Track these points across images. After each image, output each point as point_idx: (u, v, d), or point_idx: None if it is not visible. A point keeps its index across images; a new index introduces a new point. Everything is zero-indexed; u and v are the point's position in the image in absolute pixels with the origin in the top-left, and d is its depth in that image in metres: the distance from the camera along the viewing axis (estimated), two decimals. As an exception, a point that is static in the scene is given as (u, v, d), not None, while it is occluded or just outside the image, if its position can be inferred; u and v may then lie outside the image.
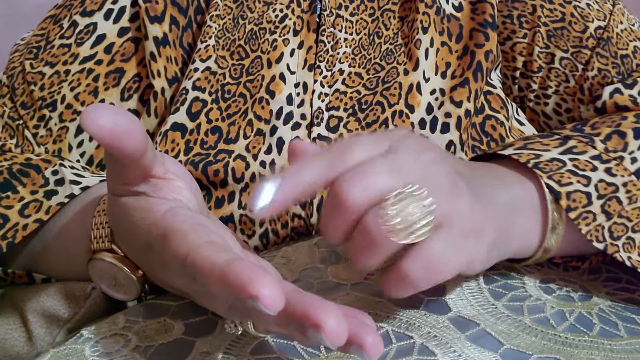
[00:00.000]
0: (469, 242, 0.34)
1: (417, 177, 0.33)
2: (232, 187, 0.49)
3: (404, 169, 0.33)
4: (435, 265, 0.33)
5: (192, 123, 0.51)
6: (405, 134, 0.36)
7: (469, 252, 0.35)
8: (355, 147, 0.34)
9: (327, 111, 0.52)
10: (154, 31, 0.53)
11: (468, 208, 0.34)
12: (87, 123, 0.29)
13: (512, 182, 0.41)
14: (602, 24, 0.54)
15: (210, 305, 0.35)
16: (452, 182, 0.34)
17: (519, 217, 0.39)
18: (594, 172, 0.41)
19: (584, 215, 0.40)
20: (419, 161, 0.34)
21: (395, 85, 0.52)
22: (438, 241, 0.33)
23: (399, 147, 0.34)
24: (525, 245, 0.41)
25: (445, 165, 0.35)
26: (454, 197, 0.34)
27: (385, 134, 0.36)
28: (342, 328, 0.26)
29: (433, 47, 0.53)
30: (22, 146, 0.54)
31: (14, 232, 0.45)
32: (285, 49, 0.53)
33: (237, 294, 0.26)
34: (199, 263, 0.28)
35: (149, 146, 0.33)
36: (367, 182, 0.32)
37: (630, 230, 0.40)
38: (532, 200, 0.40)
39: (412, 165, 0.33)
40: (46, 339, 0.43)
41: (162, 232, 0.32)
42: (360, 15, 0.55)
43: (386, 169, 0.32)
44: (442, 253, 0.33)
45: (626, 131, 0.44)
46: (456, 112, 0.50)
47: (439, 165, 0.34)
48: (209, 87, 0.52)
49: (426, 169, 0.33)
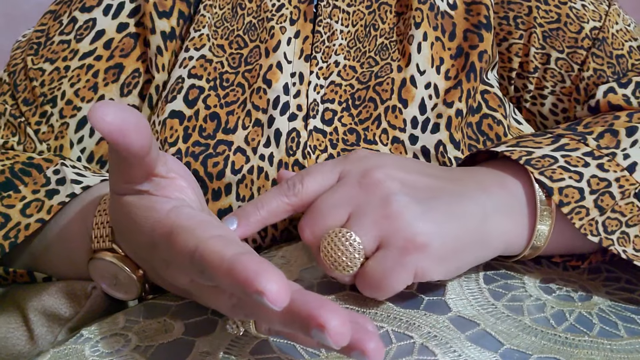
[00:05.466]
0: (411, 257, 0.37)
1: (354, 207, 0.38)
2: (229, 179, 0.50)
3: (345, 201, 0.38)
4: (374, 283, 0.37)
5: (190, 110, 0.51)
6: (359, 157, 0.41)
7: (411, 265, 0.37)
8: (308, 181, 0.40)
9: (322, 103, 0.52)
10: (162, 26, 0.53)
11: (408, 228, 0.37)
12: (95, 120, 0.29)
13: (490, 185, 0.41)
14: (597, 24, 0.54)
15: (213, 304, 0.34)
16: (392, 202, 0.38)
17: (497, 220, 0.40)
18: (586, 168, 0.42)
19: (577, 210, 0.40)
20: (361, 188, 0.39)
21: (387, 81, 0.52)
22: (373, 263, 0.37)
23: (346, 177, 0.40)
24: (511, 244, 0.41)
25: (393, 183, 0.39)
26: (390, 219, 0.37)
27: (339, 161, 0.41)
28: (346, 329, 0.26)
29: (427, 40, 0.52)
30: (24, 144, 0.54)
31: (16, 231, 0.45)
32: (282, 36, 0.53)
33: (243, 288, 0.26)
34: (207, 256, 0.28)
35: (153, 144, 0.33)
36: (315, 224, 0.38)
37: (624, 225, 0.41)
38: (515, 199, 0.41)
39: (353, 195, 0.38)
40: (47, 338, 0.43)
41: (168, 229, 0.32)
42: (357, 7, 0.55)
43: (329, 206, 0.39)
44: (377, 272, 0.37)
45: (619, 129, 0.45)
46: (447, 112, 0.50)
47: (380, 187, 0.38)
48: (206, 75, 0.52)
49: (366, 195, 0.38)
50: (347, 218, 0.38)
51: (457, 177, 0.42)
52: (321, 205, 0.39)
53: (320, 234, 0.38)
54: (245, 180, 0.49)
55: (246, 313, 0.32)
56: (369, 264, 0.37)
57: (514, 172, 0.42)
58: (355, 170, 0.40)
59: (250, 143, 0.50)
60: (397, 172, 0.39)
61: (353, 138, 0.50)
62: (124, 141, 0.30)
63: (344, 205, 0.38)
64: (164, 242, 0.33)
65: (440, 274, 0.38)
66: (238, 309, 0.32)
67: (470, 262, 0.40)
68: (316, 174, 0.40)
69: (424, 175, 0.40)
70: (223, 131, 0.51)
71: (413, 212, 0.37)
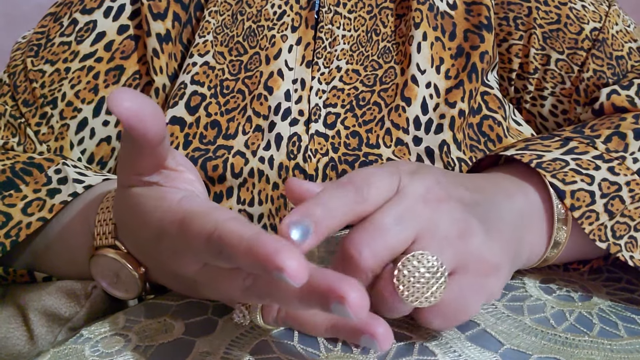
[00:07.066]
0: (489, 280, 0.35)
1: (424, 225, 0.33)
2: (230, 183, 0.50)
3: (412, 218, 0.33)
4: (452, 314, 0.34)
5: (191, 117, 0.51)
6: (412, 169, 0.36)
7: (488, 289, 0.35)
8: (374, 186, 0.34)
9: (325, 108, 0.52)
10: (157, 28, 0.53)
11: (482, 247, 0.34)
12: (114, 104, 0.29)
13: (515, 192, 0.40)
14: (597, 25, 0.54)
15: (224, 289, 0.33)
16: (461, 221, 0.34)
17: (525, 233, 0.39)
18: (597, 171, 0.41)
19: (587, 214, 0.40)
20: (426, 205, 0.34)
21: (392, 87, 0.52)
22: (451, 292, 0.33)
23: (407, 189, 0.34)
24: (533, 253, 0.41)
25: (451, 201, 0.35)
26: (465, 239, 0.34)
27: (395, 172, 0.35)
28: (365, 301, 0.26)
29: (427, 40, 0.52)
30: (24, 144, 0.54)
31: (17, 230, 0.45)
32: (283, 45, 0.53)
33: (264, 265, 0.26)
34: (226, 236, 0.28)
35: (166, 135, 0.33)
36: (376, 243, 0.33)
37: (632, 230, 0.40)
38: (537, 208, 0.40)
39: (420, 212, 0.34)
40: (47, 337, 0.43)
41: (180, 216, 0.33)
42: (358, 13, 0.55)
43: (394, 221, 0.33)
44: (457, 301, 0.34)
45: (626, 132, 0.44)
46: (450, 113, 0.50)
47: (446, 203, 0.35)
48: (208, 82, 0.52)
49: (434, 213, 0.34)
50: (413, 240, 0.34)
51: (482, 186, 0.39)
52: (385, 221, 0.33)
53: (384, 255, 0.33)
54: (246, 184, 0.49)
55: (260, 294, 0.31)
56: (446, 290, 0.33)
57: (525, 176, 0.42)
58: (415, 184, 0.35)
59: (250, 147, 0.50)
60: (452, 188, 0.36)
61: (355, 142, 0.50)
62: (141, 127, 0.31)
63: (410, 223, 0.33)
64: (175, 229, 0.33)
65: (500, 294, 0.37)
66: (252, 291, 0.32)
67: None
68: (380, 179, 0.34)
69: (463, 188, 0.37)
70: (223, 137, 0.51)
71: (482, 231, 0.35)
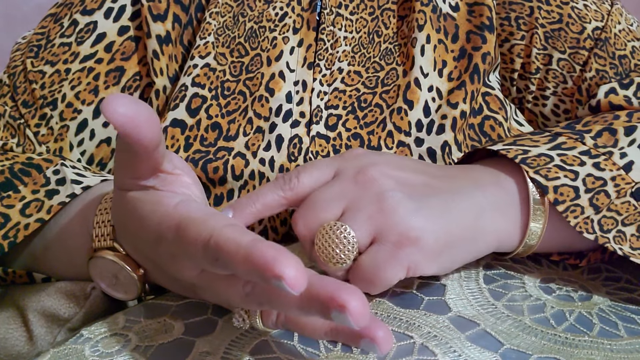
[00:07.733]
0: (404, 251, 0.37)
1: (350, 201, 0.38)
2: (231, 185, 0.50)
3: (341, 195, 0.39)
4: (368, 277, 0.38)
5: (192, 119, 0.51)
6: (355, 154, 0.41)
7: (404, 260, 0.37)
8: (304, 175, 0.40)
9: (326, 109, 0.52)
10: (157, 29, 0.53)
11: (402, 222, 0.37)
12: (108, 111, 0.29)
13: (485, 182, 0.42)
14: (599, 24, 0.54)
15: (223, 295, 0.34)
16: (388, 198, 0.38)
17: (491, 217, 0.40)
18: (582, 167, 0.42)
19: (572, 208, 0.41)
20: (356, 184, 0.39)
21: (394, 88, 0.52)
22: (366, 257, 0.38)
23: (341, 173, 0.40)
24: (504, 241, 0.42)
25: (388, 180, 0.39)
26: (385, 214, 0.38)
27: (336, 159, 0.42)
28: (366, 309, 0.26)
29: (430, 43, 0.53)
30: (23, 145, 0.54)
31: (15, 231, 0.45)
32: (285, 46, 0.53)
33: (262, 273, 0.26)
34: (223, 243, 0.28)
35: (161, 140, 0.33)
36: (308, 215, 0.39)
37: (620, 224, 0.41)
38: (510, 197, 0.42)
39: (348, 190, 0.39)
40: (47, 338, 0.43)
41: (176, 221, 0.32)
42: (360, 14, 0.55)
43: (324, 197, 0.39)
44: (371, 266, 0.37)
45: (617, 128, 0.45)
46: (452, 114, 0.50)
47: (375, 183, 0.39)
48: (209, 84, 0.52)
49: (361, 190, 0.39)
50: (342, 213, 0.39)
51: (453, 175, 0.42)
52: (316, 199, 0.39)
53: (314, 227, 0.38)
54: (247, 186, 0.49)
55: (260, 301, 0.31)
56: (363, 258, 0.38)
57: (509, 170, 0.42)
58: (350, 167, 0.40)
59: (251, 147, 0.50)
60: (392, 170, 0.40)
61: (357, 144, 0.50)
62: (135, 133, 0.31)
63: (338, 200, 0.39)
64: (172, 234, 0.33)
65: (433, 269, 0.39)
66: (251, 298, 0.32)
67: (463, 258, 0.40)
68: (312, 169, 0.41)
69: (419, 173, 0.41)
70: (224, 139, 0.51)
71: (407, 207, 0.38)
